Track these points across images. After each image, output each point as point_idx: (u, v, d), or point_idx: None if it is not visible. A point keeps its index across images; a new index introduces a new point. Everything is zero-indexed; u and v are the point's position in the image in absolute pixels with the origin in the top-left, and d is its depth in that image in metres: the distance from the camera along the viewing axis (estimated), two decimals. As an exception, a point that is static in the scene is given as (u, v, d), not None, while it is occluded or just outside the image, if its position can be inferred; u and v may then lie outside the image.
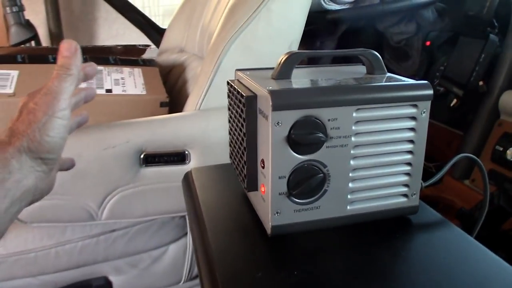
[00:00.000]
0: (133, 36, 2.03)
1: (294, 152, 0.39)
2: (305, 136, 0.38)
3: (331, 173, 0.41)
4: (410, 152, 0.43)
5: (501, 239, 0.85)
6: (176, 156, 0.82)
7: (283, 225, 0.41)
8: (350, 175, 0.42)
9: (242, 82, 0.47)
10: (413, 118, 0.42)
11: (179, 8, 1.42)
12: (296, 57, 0.44)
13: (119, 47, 1.50)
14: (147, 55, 1.33)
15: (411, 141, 0.43)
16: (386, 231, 0.44)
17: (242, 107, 0.42)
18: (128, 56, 1.23)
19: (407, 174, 0.44)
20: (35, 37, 1.79)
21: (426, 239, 0.43)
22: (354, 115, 0.40)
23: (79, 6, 2.07)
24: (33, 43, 1.79)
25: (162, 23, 1.86)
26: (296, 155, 0.39)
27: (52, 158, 0.41)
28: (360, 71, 0.49)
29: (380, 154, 0.42)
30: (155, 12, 2.21)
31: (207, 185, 0.56)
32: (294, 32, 0.88)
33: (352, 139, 0.40)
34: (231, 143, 0.51)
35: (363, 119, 0.40)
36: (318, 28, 1.21)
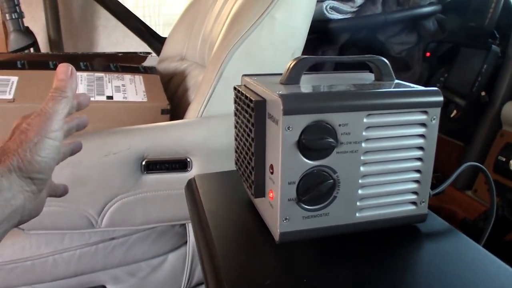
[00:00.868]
0: (133, 44, 2.04)
1: (304, 158, 0.38)
2: (315, 141, 0.38)
3: (341, 179, 0.40)
4: (419, 159, 0.43)
5: (504, 250, 0.84)
6: (178, 163, 0.81)
7: (291, 232, 0.41)
8: (360, 181, 0.41)
9: (249, 88, 0.46)
10: (423, 125, 0.42)
11: (180, 16, 1.42)
12: (305, 62, 0.43)
13: (120, 54, 1.50)
14: (147, 62, 1.33)
15: (420, 147, 0.42)
16: (394, 239, 0.44)
17: (251, 111, 0.41)
18: (129, 63, 1.22)
19: (416, 181, 0.44)
20: (34, 44, 1.79)
21: (435, 248, 0.43)
22: (365, 120, 0.39)
23: (79, 14, 2.07)
24: (32, 50, 1.79)
25: (163, 33, 1.86)
26: (306, 160, 0.39)
27: (42, 178, 0.41)
28: (367, 77, 0.49)
29: (390, 160, 0.42)
30: (155, 21, 2.22)
31: (211, 192, 0.55)
32: (297, 40, 0.88)
33: (363, 145, 0.40)
34: (237, 149, 0.50)
35: (373, 124, 0.40)
36: (320, 37, 1.21)
